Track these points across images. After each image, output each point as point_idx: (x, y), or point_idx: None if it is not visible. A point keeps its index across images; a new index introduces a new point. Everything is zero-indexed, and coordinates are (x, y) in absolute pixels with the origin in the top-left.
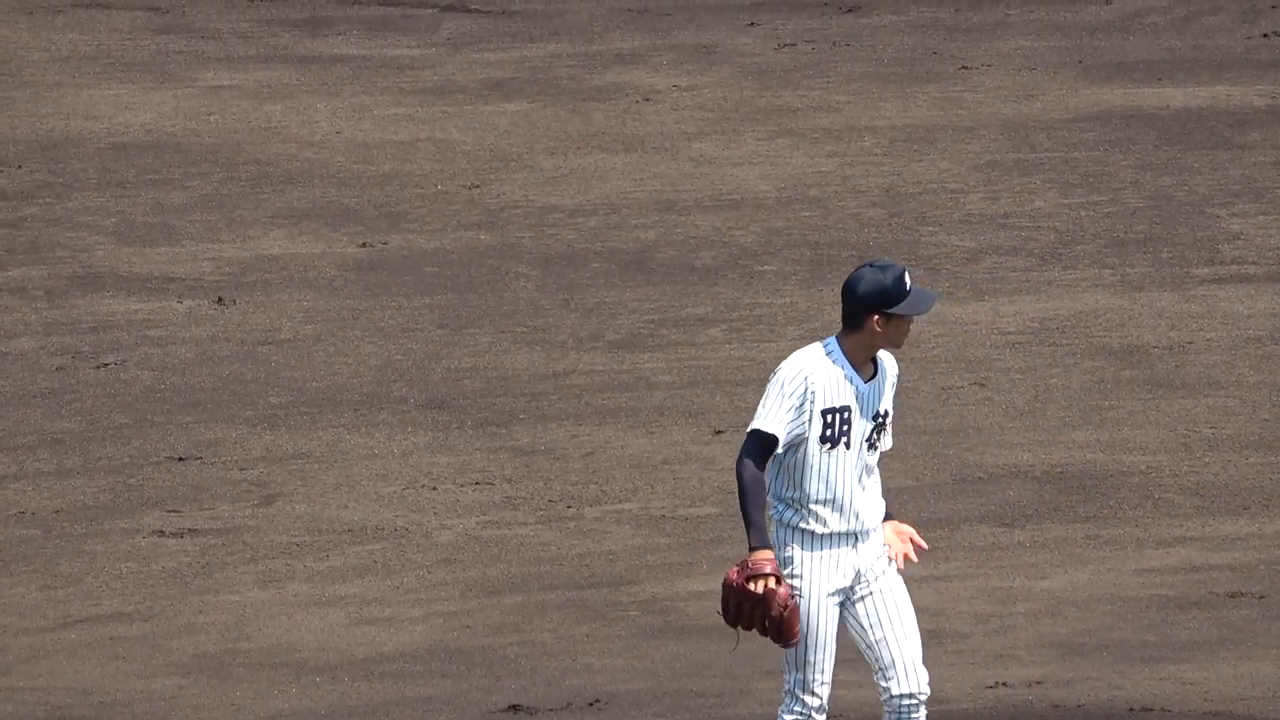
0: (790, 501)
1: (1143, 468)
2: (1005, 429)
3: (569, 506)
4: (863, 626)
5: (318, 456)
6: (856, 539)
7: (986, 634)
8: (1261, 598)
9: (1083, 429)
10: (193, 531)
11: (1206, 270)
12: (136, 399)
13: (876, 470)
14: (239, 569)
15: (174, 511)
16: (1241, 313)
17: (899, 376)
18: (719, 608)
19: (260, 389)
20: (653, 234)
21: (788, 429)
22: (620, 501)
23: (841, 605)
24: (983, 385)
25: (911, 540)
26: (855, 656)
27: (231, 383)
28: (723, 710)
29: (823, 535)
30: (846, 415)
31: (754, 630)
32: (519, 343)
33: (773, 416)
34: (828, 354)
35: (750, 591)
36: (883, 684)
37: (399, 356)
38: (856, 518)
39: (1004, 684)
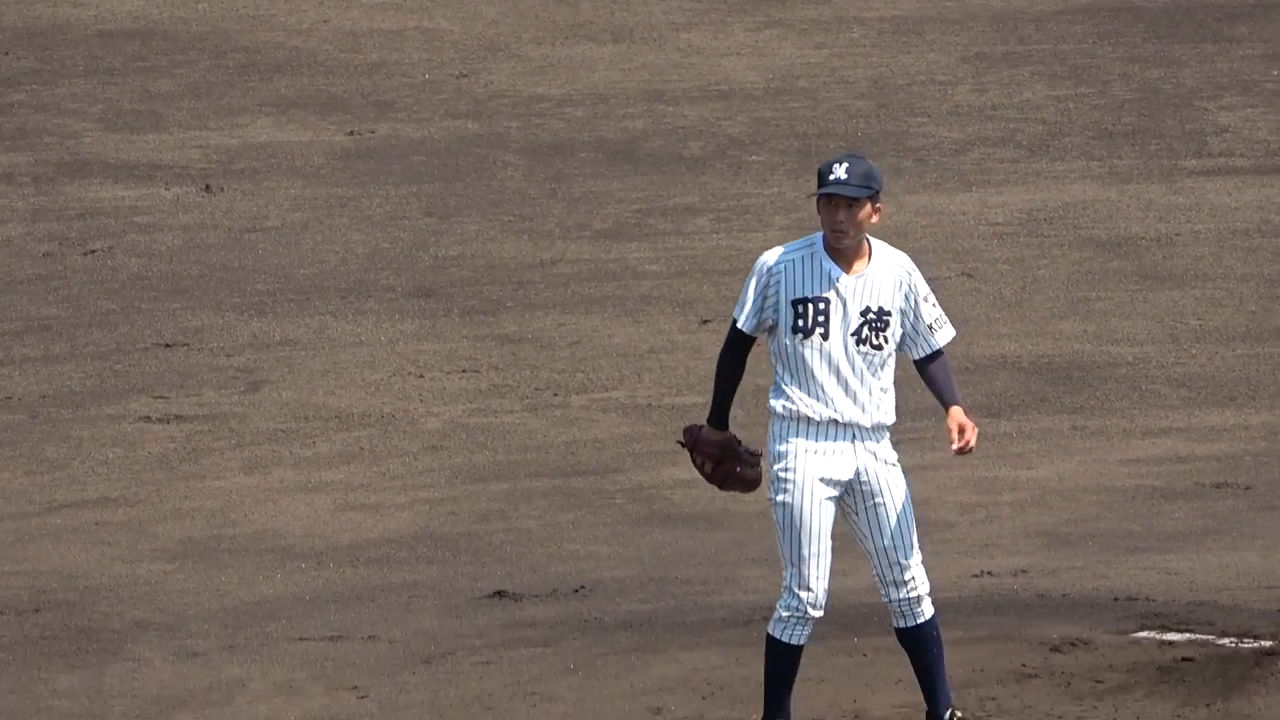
0: (779, 388)
1: (1130, 359)
2: (993, 319)
3: (555, 395)
4: (860, 533)
5: (304, 343)
6: (854, 435)
7: (972, 523)
8: (1247, 488)
9: (1070, 320)
10: (179, 418)
11: (1194, 162)
12: (123, 286)
13: (885, 370)
14: (225, 455)
15: (160, 398)
16: (1229, 205)
17: (912, 275)
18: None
19: (247, 276)
20: (640, 124)
21: (755, 318)
22: (607, 390)
23: (840, 503)
24: (970, 276)
25: (966, 437)
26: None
27: (218, 270)
28: (707, 598)
29: (813, 423)
30: (822, 307)
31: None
32: (506, 231)
33: (742, 305)
34: (809, 245)
35: (694, 461)
36: (880, 588)
37: (386, 244)
38: (845, 409)
39: (989, 573)
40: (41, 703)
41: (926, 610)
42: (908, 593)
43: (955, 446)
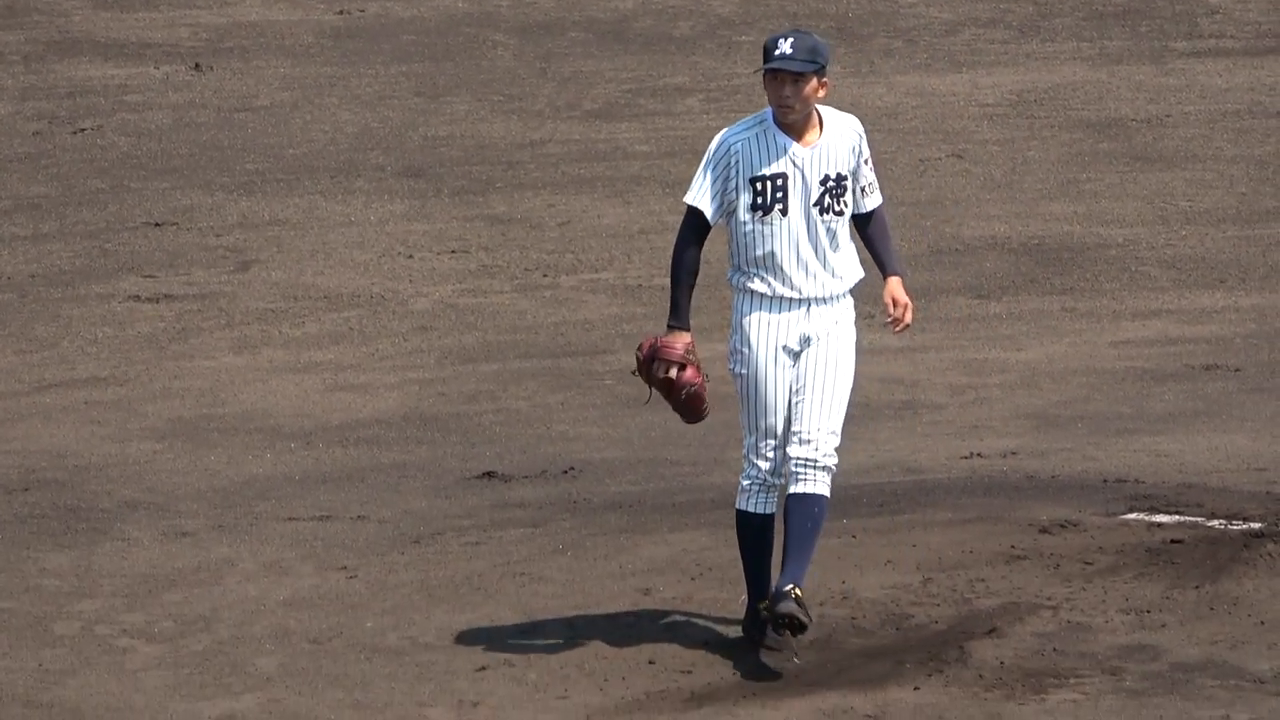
0: (738, 266)
1: (1120, 240)
2: (982, 201)
3: (545, 275)
4: (796, 388)
5: (294, 223)
6: (808, 305)
7: (962, 405)
8: (1237, 371)
9: (1060, 201)
10: (168, 297)
11: (1185, 44)
12: (113, 164)
13: (842, 233)
14: (215, 335)
15: (150, 277)
16: (1219, 86)
17: (862, 137)
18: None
19: (237, 155)
20: (630, 3)
21: (714, 201)
22: (596, 270)
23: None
24: (960, 157)
25: (900, 313)
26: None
27: (208, 149)
28: (697, 479)
29: (770, 298)
30: (781, 183)
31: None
32: (496, 111)
33: (698, 190)
34: (760, 122)
35: (654, 376)
36: (795, 446)
37: (376, 124)
38: (805, 284)
39: (979, 455)
40: (30, 581)
41: (825, 486)
42: (818, 454)
43: (888, 319)
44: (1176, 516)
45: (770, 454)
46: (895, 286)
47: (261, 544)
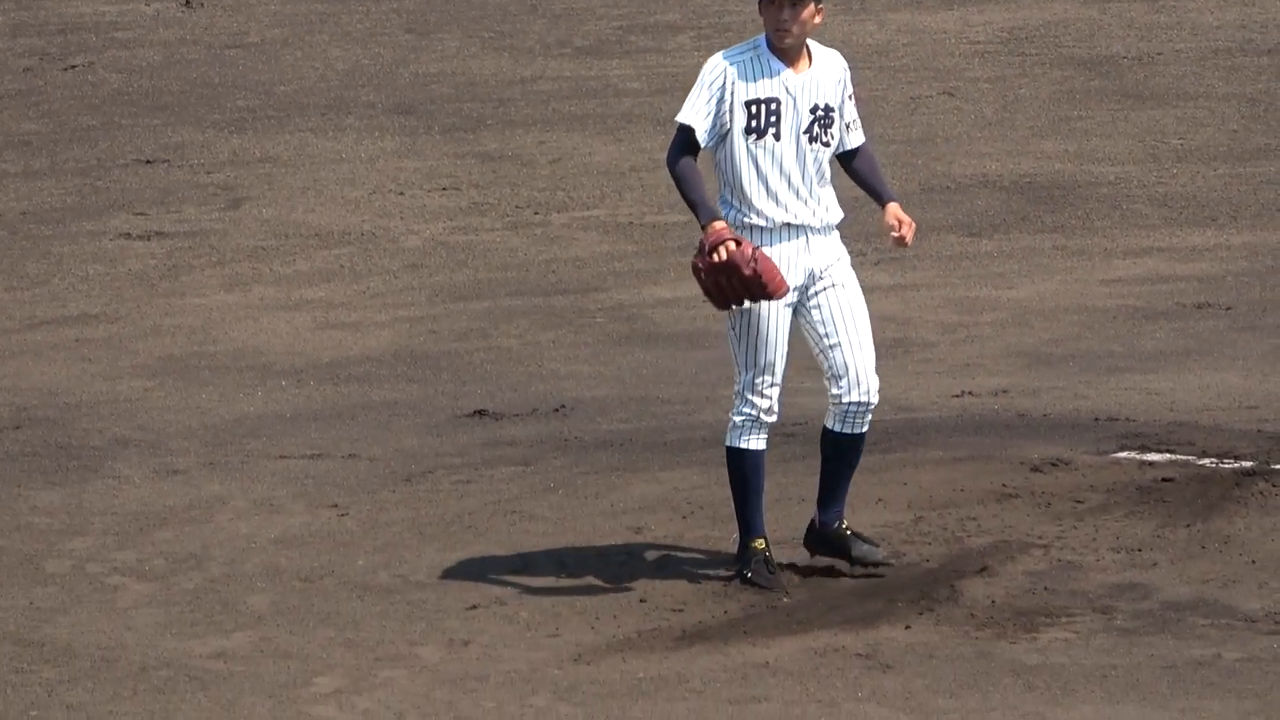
0: (730, 199)
1: (1111, 178)
2: (973, 138)
3: (536, 213)
4: (817, 332)
5: (285, 160)
6: (806, 235)
7: (953, 343)
8: (1228, 309)
9: (1051, 139)
10: (159, 234)
11: None
12: (104, 101)
13: (827, 171)
14: (205, 272)
15: (141, 214)
16: (1210, 24)
17: (847, 71)
18: (704, 299)
19: (227, 92)
20: None
21: (708, 121)
22: (587, 208)
23: (795, 308)
24: (951, 95)
25: (904, 231)
26: (811, 363)
27: (199, 86)
28: (688, 417)
29: (768, 230)
30: (774, 107)
31: (746, 300)
32: (487, 48)
33: (691, 109)
34: (753, 47)
35: (719, 264)
36: (834, 390)
37: (366, 61)
38: (800, 210)
39: (970, 393)
40: (21, 519)
41: (865, 423)
42: (858, 395)
43: (895, 235)
44: (1167, 455)
45: (768, 391)
46: (896, 209)
47: (253, 482)
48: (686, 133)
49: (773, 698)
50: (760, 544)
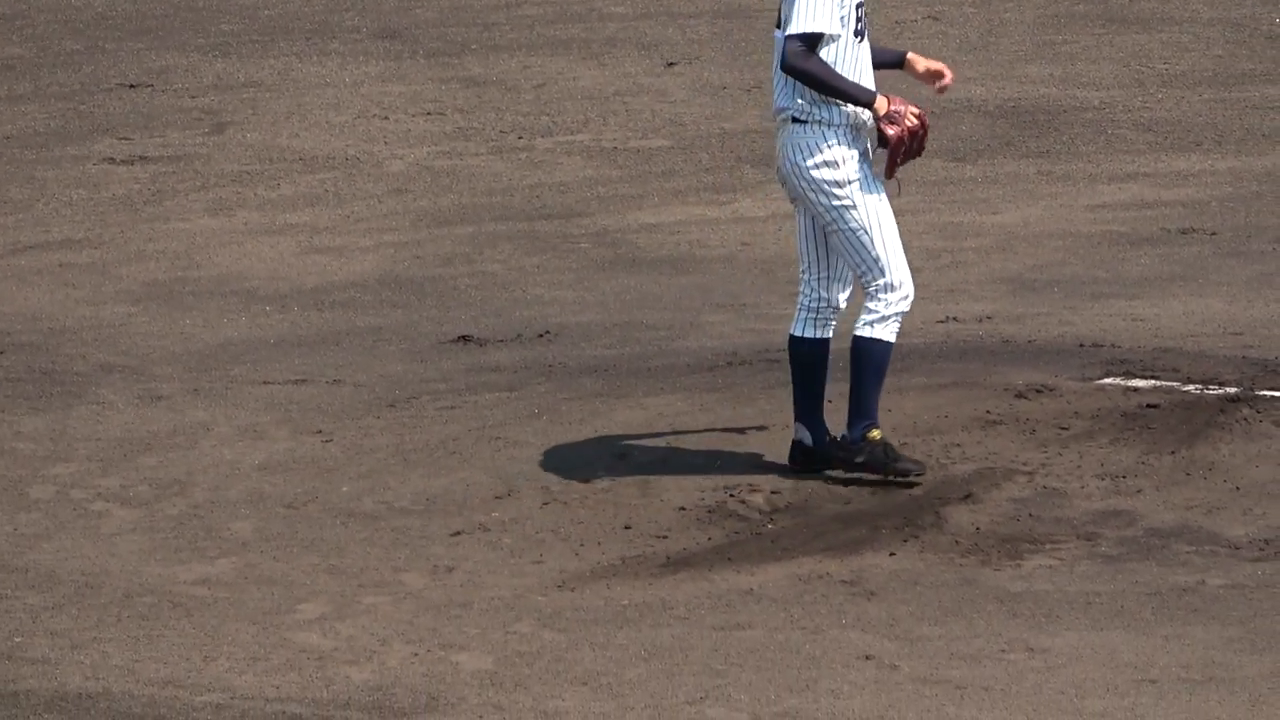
0: (815, 101)
1: (1096, 103)
2: (958, 62)
3: (520, 138)
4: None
5: (269, 85)
6: (869, 138)
7: (938, 269)
8: (1213, 234)
9: (1036, 63)
10: (143, 159)
11: None
12: (88, 25)
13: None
14: (189, 197)
15: (125, 139)
16: None
17: None
18: (886, 165)
19: (212, 16)
20: None
21: (836, 24)
22: (572, 133)
23: None
24: (936, 19)
25: (945, 77)
26: (794, 289)
27: (183, 9)
28: (672, 343)
29: (859, 128)
30: (861, 10)
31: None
32: None
33: (816, 16)
34: None
35: (916, 126)
36: (867, 289)
37: None
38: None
39: (954, 319)
40: (5, 445)
41: (893, 333)
42: (897, 300)
43: (941, 85)
44: (1152, 381)
45: (909, 278)
46: (920, 59)
47: (237, 408)
48: (813, 40)
49: (757, 624)
50: (877, 433)
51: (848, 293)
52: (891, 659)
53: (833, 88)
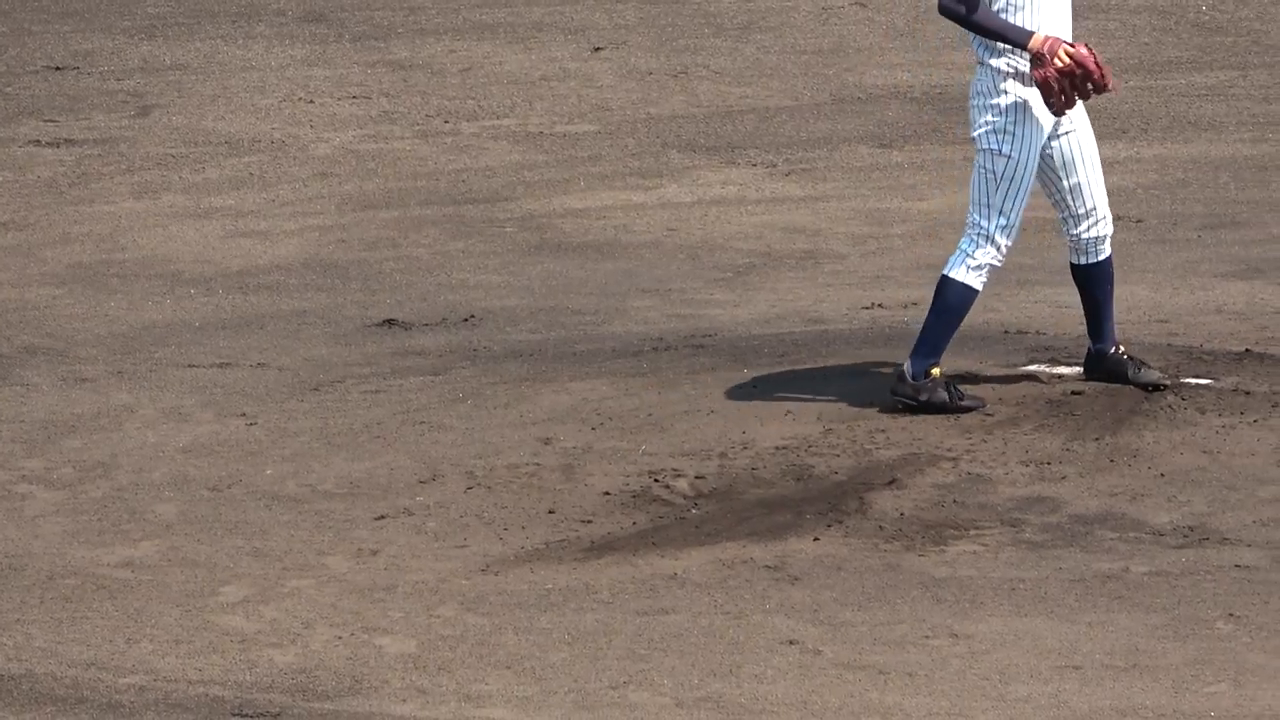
0: (995, 49)
1: None
2: (885, 49)
3: (446, 121)
4: (1057, 174)
5: (195, 68)
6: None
7: (863, 255)
8: (1138, 221)
9: (963, 50)
10: (69, 141)
11: None
12: (13, 7)
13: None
14: (115, 179)
15: (50, 121)
16: None
17: None
18: (1053, 102)
19: None
20: None
21: None
22: (498, 117)
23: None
24: (863, 5)
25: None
26: (721, 275)
27: None
28: (597, 328)
29: (1026, 75)
30: None
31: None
32: None
33: None
34: None
35: (1066, 67)
36: (1074, 230)
37: None
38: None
39: (880, 305)
40: None
41: (1107, 249)
42: (1097, 230)
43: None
44: (1077, 368)
45: (1014, 236)
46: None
47: (161, 391)
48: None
49: (680, 609)
50: (939, 371)
51: (1083, 227)
52: (815, 644)
53: (982, 27)
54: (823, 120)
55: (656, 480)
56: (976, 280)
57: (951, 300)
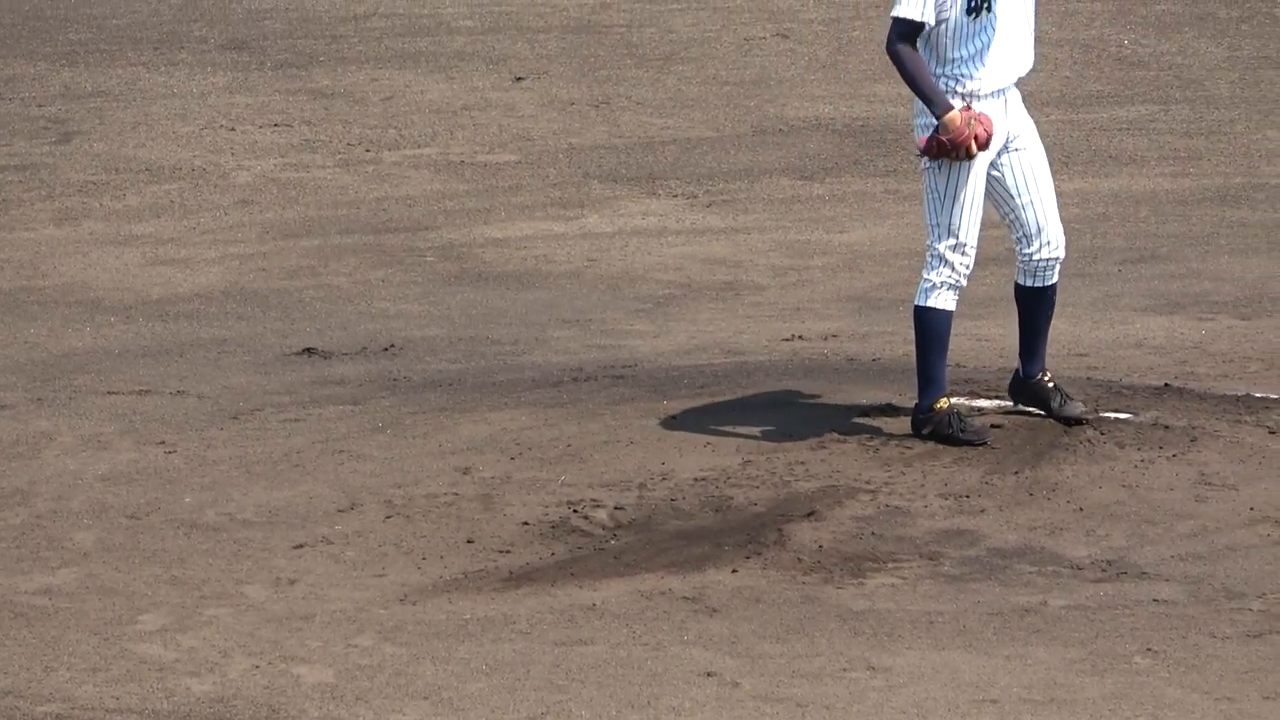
0: (943, 72)
1: None
2: (807, 81)
3: (367, 150)
4: (1008, 193)
5: (116, 95)
6: (1005, 97)
7: (784, 287)
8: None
9: (884, 82)
10: None
11: None
12: None
13: (1031, 20)
14: (35, 206)
15: None
16: None
17: None
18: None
19: (60, 25)
20: None
21: (932, 13)
22: (419, 146)
23: (990, 168)
24: (785, 37)
25: None
26: (641, 306)
27: (31, 18)
28: (517, 358)
29: (976, 97)
30: None
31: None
32: None
33: (910, 4)
34: None
35: (964, 149)
36: (1025, 250)
37: None
38: (1009, 71)
39: (800, 337)
40: None
41: (1055, 275)
42: (1050, 252)
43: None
44: (997, 401)
45: (967, 253)
46: None
47: (80, 418)
48: (907, 25)
49: (599, 640)
50: (945, 403)
51: (1035, 248)
52: (733, 676)
53: (910, 81)
54: (744, 152)
55: (575, 511)
56: (941, 301)
57: (924, 328)
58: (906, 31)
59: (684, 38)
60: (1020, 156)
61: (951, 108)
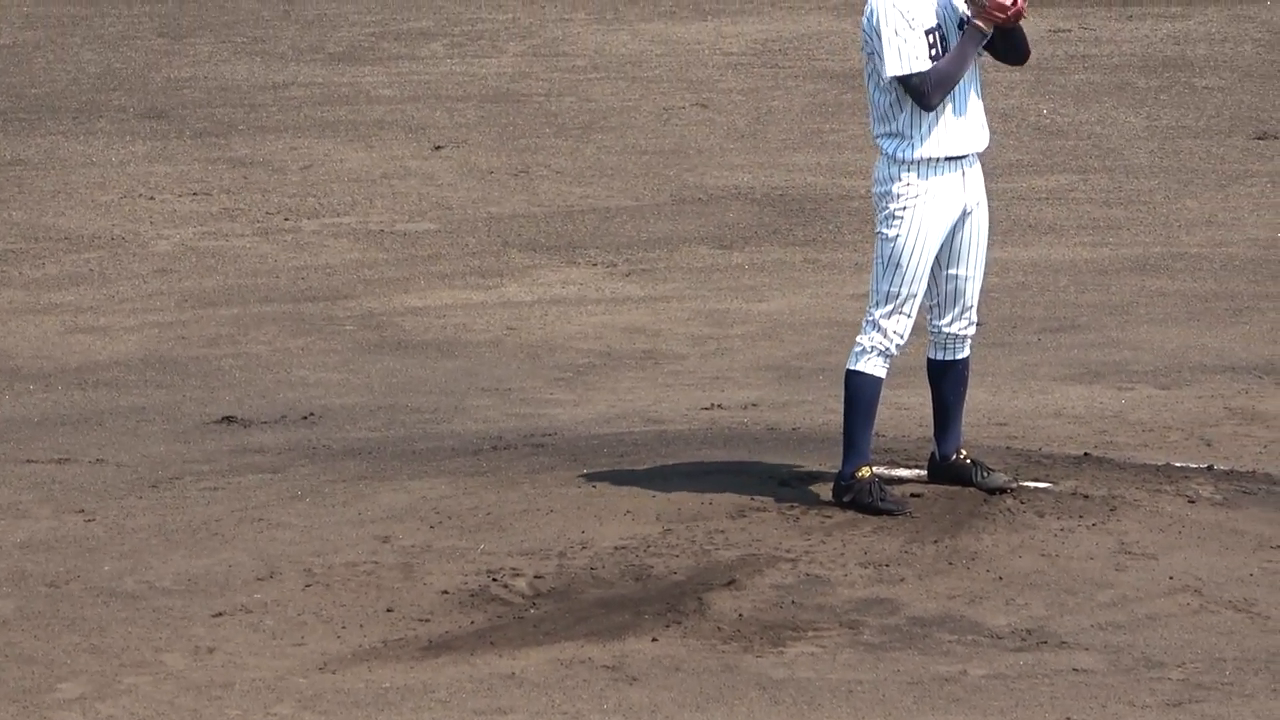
0: (898, 134)
1: (862, 192)
2: (726, 150)
3: (286, 219)
4: (938, 263)
5: (35, 163)
6: (963, 169)
7: (703, 356)
8: (978, 325)
9: (803, 151)
10: None
11: None
12: None
13: (977, 84)
14: None
15: None
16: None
17: None
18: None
19: None
20: None
21: (926, 59)
22: (338, 215)
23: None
24: (704, 106)
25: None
26: (559, 375)
27: None
28: (437, 426)
29: (936, 162)
30: (942, 32)
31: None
32: (239, 53)
33: (905, 58)
34: None
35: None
36: (937, 320)
37: (118, 64)
38: (963, 140)
39: (719, 406)
40: None
41: (967, 350)
42: (964, 328)
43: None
44: (916, 470)
45: (906, 323)
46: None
47: None
48: (919, 77)
49: (519, 709)
50: (866, 471)
51: (946, 320)
52: None
53: (961, 66)
54: (663, 220)
55: (495, 579)
56: (870, 367)
57: (851, 393)
58: (919, 83)
59: (603, 107)
60: (967, 232)
61: (979, 27)
